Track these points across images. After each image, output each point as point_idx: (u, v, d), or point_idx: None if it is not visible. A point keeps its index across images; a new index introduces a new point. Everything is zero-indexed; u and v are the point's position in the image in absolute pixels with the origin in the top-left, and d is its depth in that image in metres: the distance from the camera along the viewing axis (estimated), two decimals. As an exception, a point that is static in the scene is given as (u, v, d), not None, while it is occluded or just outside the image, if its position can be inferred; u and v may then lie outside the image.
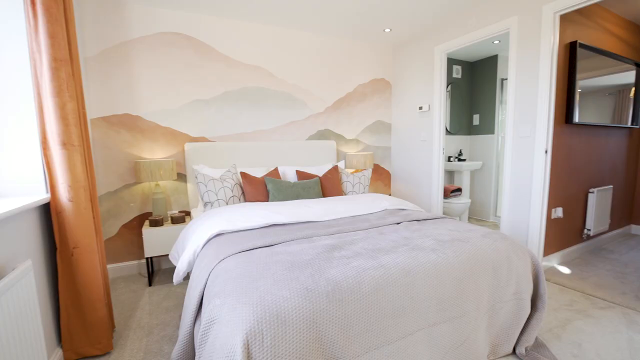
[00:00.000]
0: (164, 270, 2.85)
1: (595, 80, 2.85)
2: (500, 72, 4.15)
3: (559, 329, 1.81)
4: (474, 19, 2.88)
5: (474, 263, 1.46)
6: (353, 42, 3.63)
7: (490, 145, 4.29)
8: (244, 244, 1.56)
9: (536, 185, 2.51)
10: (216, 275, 1.30)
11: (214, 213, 2.07)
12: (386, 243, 1.57)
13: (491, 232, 1.74)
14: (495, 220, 4.28)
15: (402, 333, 1.23)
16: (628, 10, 2.96)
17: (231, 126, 3.08)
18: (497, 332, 1.54)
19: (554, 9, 2.31)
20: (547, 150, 2.45)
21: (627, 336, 1.75)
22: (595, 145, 3.05)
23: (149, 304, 2.22)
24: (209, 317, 1.11)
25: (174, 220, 2.60)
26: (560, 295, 2.23)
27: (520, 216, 2.66)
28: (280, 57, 3.24)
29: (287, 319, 1.03)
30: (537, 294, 1.64)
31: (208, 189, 2.43)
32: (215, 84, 2.97)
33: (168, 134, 2.82)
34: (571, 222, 2.92)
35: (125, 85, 2.63)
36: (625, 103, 3.26)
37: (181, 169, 2.89)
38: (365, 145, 3.86)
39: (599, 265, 2.77)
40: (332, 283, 1.17)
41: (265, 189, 2.60)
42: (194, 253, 1.74)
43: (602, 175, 3.19)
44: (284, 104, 3.31)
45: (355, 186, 3.01)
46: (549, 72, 2.38)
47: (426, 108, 3.46)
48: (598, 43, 2.83)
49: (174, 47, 2.77)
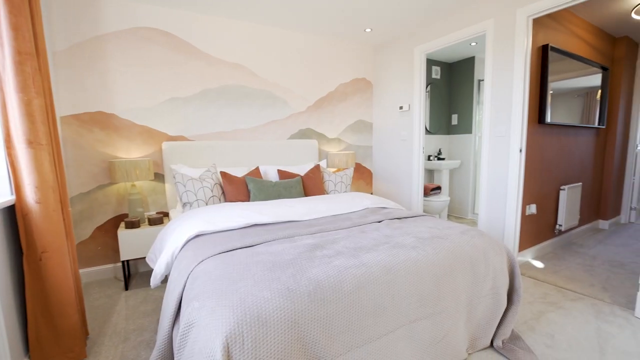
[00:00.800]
0: (141, 274, 2.76)
1: (565, 82, 2.98)
2: (477, 73, 4.27)
3: (533, 321, 1.88)
4: (453, 20, 2.95)
5: (453, 260, 1.49)
6: (334, 41, 3.64)
7: (468, 144, 4.41)
8: (224, 244, 1.53)
9: (511, 183, 2.60)
10: (195, 278, 1.27)
11: (193, 214, 2.02)
12: (368, 241, 1.58)
13: (469, 229, 1.78)
14: (473, 217, 4.40)
15: (383, 330, 1.24)
16: (595, 17, 3.11)
17: (211, 125, 3.01)
18: (476, 326, 1.58)
19: (527, 13, 2.39)
20: (521, 149, 2.53)
21: (596, 326, 1.84)
22: (566, 144, 3.18)
23: (126, 309, 2.14)
24: (187, 320, 1.08)
25: (151, 222, 2.52)
26: (534, 288, 2.32)
27: (496, 213, 2.74)
28: (261, 55, 3.20)
29: (268, 320, 1.01)
30: (513, 288, 1.69)
31: (187, 189, 2.36)
32: (194, 81, 2.90)
33: (144, 132, 2.73)
34: (544, 218, 3.04)
35: (98, 81, 2.52)
36: (593, 104, 3.42)
37: (159, 168, 2.81)
38: (347, 145, 3.88)
39: (570, 259, 2.90)
40: (314, 282, 1.17)
41: (246, 189, 2.56)
42: (172, 255, 1.70)
43: (572, 173, 3.34)
44: (265, 103, 3.27)
45: (337, 185, 3.01)
46: (522, 74, 2.46)
47: (406, 108, 3.51)
48: (568, 47, 2.96)
49: (151, 43, 2.68)
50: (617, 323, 1.86)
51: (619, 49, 3.67)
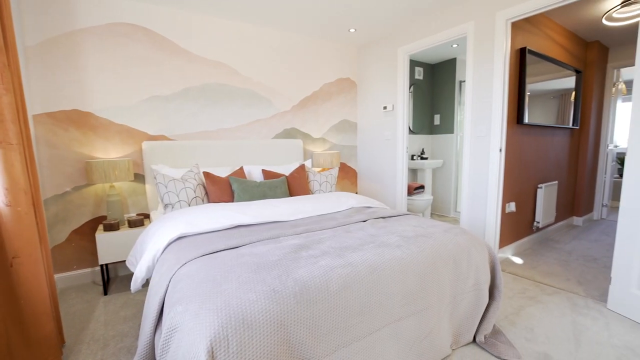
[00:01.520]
0: (121, 278, 2.67)
1: (542, 84, 3.09)
2: (458, 75, 4.36)
3: (514, 316, 1.94)
4: (435, 22, 3.00)
5: (437, 257, 1.52)
6: (319, 41, 3.63)
7: (450, 144, 4.50)
8: (207, 246, 1.50)
9: (492, 182, 2.67)
10: (177, 281, 1.24)
11: (175, 215, 1.97)
12: (353, 241, 1.59)
13: (452, 227, 1.81)
14: (455, 215, 4.50)
15: (369, 329, 1.24)
16: (569, 22, 3.23)
17: (193, 124, 2.95)
18: (459, 322, 1.62)
19: (506, 17, 2.46)
20: (501, 149, 2.60)
21: (571, 318, 1.91)
22: (542, 144, 3.30)
23: (105, 314, 2.07)
24: (170, 325, 1.05)
25: (131, 224, 2.45)
26: (514, 284, 2.39)
27: (478, 211, 2.81)
28: (245, 53, 3.16)
29: (253, 323, 1.00)
30: (494, 284, 1.74)
31: (168, 190, 2.31)
32: (175, 79, 2.83)
33: (123, 132, 2.64)
34: (523, 215, 3.13)
35: (73, 78, 2.42)
36: (567, 106, 3.56)
37: (139, 169, 2.72)
38: (331, 144, 3.89)
39: (547, 255, 3.00)
40: (300, 283, 1.16)
41: (230, 189, 2.52)
42: (154, 258, 1.65)
43: (549, 171, 3.46)
44: (248, 102, 3.23)
45: (322, 185, 3.01)
46: (502, 75, 2.53)
47: (390, 108, 3.55)
48: (544, 50, 3.07)
49: (129, 39, 2.60)
50: (591, 315, 1.94)
51: (591, 53, 3.83)
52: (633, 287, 1.89)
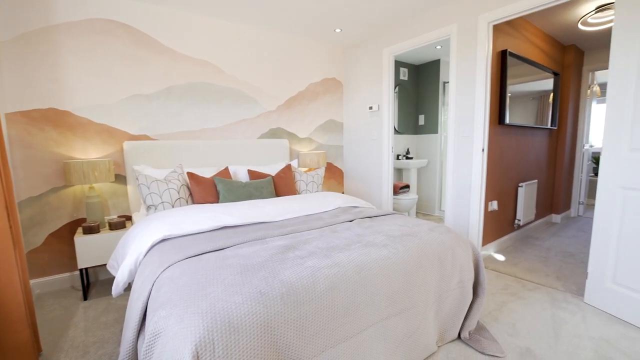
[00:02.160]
0: (102, 282, 2.59)
1: (522, 85, 3.18)
2: (442, 76, 4.43)
3: (497, 312, 1.98)
4: (419, 24, 3.04)
5: (422, 256, 1.54)
6: (305, 40, 3.62)
7: (434, 144, 4.58)
8: (191, 249, 1.47)
9: (475, 181, 2.73)
10: (161, 285, 1.21)
11: (158, 217, 1.92)
12: (340, 241, 1.59)
13: (437, 226, 1.84)
14: (440, 214, 4.57)
15: (356, 329, 1.25)
16: (547, 26, 3.34)
17: (176, 124, 2.89)
18: (444, 319, 1.64)
19: (487, 19, 2.51)
20: (483, 148, 2.66)
21: (551, 313, 1.97)
22: (523, 144, 3.39)
23: (84, 320, 2.00)
24: (153, 330, 1.03)
25: (112, 226, 2.38)
26: (496, 280, 2.45)
27: (461, 210, 2.87)
28: (230, 52, 3.12)
29: (239, 326, 0.98)
30: (478, 281, 1.77)
31: (151, 191, 2.25)
32: (158, 78, 2.76)
33: (103, 131, 2.56)
34: (504, 213, 3.22)
35: (49, 76, 2.33)
36: (546, 107, 3.68)
37: (120, 169, 2.65)
38: (318, 144, 3.88)
39: (528, 251, 3.09)
40: (287, 285, 1.15)
41: (215, 190, 2.49)
42: (136, 261, 1.60)
43: (529, 171, 3.56)
44: (234, 101, 3.19)
45: (308, 185, 3.01)
46: (484, 77, 2.59)
47: (376, 108, 3.58)
48: (524, 52, 3.15)
49: (110, 35, 2.52)
50: (569, 309, 2.01)
51: (567, 56, 3.97)
52: (608, 282, 1.96)
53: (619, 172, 1.87)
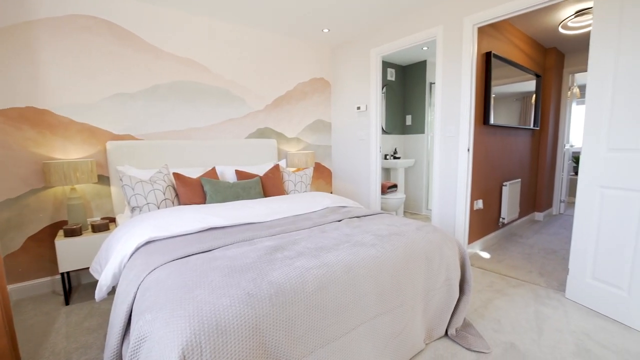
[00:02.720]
0: (85, 286, 2.52)
1: (506, 87, 3.25)
2: (429, 76, 4.49)
3: (482, 309, 2.02)
4: (406, 25, 3.07)
5: (410, 255, 1.55)
6: (292, 40, 3.61)
7: (421, 144, 4.63)
8: (178, 251, 1.44)
9: (461, 181, 2.77)
10: (146, 288, 1.18)
11: (143, 218, 1.88)
12: (328, 241, 1.59)
13: (424, 225, 1.86)
14: (427, 213, 4.63)
15: (345, 329, 1.25)
16: (530, 29, 3.42)
17: (161, 123, 2.84)
18: (432, 317, 1.66)
19: (472, 22, 2.56)
20: (469, 148, 2.71)
21: (534, 308, 2.02)
22: (507, 144, 3.47)
23: (66, 326, 1.94)
24: (138, 334, 1.00)
25: (95, 229, 2.31)
26: (482, 278, 2.50)
27: (448, 208, 2.91)
28: (216, 51, 3.08)
29: (227, 328, 0.97)
30: (464, 279, 1.80)
31: (136, 192, 2.20)
32: (142, 76, 2.70)
33: (85, 131, 2.49)
34: (489, 212, 3.28)
35: (27, 73, 2.25)
36: (528, 108, 3.77)
37: (103, 170, 2.58)
38: (306, 144, 3.88)
39: (512, 249, 3.17)
40: (275, 286, 1.14)
41: (201, 191, 2.45)
42: (120, 264, 1.57)
43: (513, 170, 3.65)
44: (220, 101, 3.15)
45: (297, 185, 3.00)
46: (469, 78, 2.63)
47: (364, 108, 3.59)
48: (507, 54, 3.23)
49: (91, 32, 2.45)
50: (551, 305, 2.07)
51: (549, 59, 4.08)
52: (588, 277, 2.03)
53: (597, 172, 1.94)
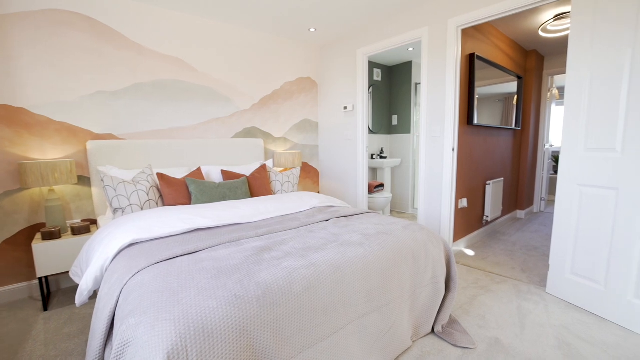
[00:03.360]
0: (65, 291, 2.44)
1: (489, 88, 3.32)
2: (414, 77, 4.55)
3: (468, 305, 2.06)
4: (392, 26, 3.10)
5: (397, 254, 1.57)
6: (279, 39, 3.59)
7: (407, 143, 4.69)
8: (162, 253, 1.41)
9: (446, 180, 2.82)
10: (130, 292, 1.15)
11: (126, 220, 1.83)
12: (316, 241, 1.59)
13: (411, 224, 1.88)
14: (413, 212, 4.69)
15: (334, 328, 1.25)
16: (511, 31, 3.51)
17: (145, 122, 2.77)
18: (418, 314, 1.68)
19: (456, 24, 2.60)
20: (454, 148, 2.76)
21: (517, 304, 2.08)
22: (490, 144, 3.55)
23: (45, 333, 1.87)
24: (122, 339, 0.97)
25: (75, 231, 2.24)
26: (467, 275, 2.55)
27: (433, 207, 2.95)
28: (202, 49, 3.03)
29: (214, 331, 0.95)
30: (450, 276, 1.83)
31: (118, 193, 2.14)
32: (124, 74, 2.63)
33: (64, 130, 2.41)
34: (474, 210, 3.35)
35: (1, 70, 2.16)
36: (510, 108, 3.87)
37: (83, 171, 2.50)
38: (293, 144, 3.86)
39: (495, 246, 3.24)
40: (263, 287, 1.13)
41: (187, 191, 2.41)
42: (102, 267, 1.52)
43: (495, 169, 3.73)
44: (206, 100, 3.10)
45: (284, 185, 2.98)
46: (454, 79, 2.68)
47: (350, 108, 3.61)
48: (490, 56, 3.30)
49: (70, 28, 2.37)
50: (533, 300, 2.13)
51: (529, 61, 4.19)
52: (567, 273, 2.10)
53: (575, 170, 2.01)
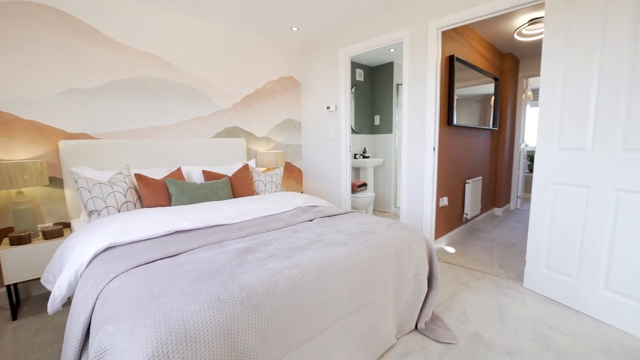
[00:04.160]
0: (35, 298, 2.32)
1: (467, 89, 3.41)
2: (396, 78, 4.61)
3: (449, 301, 2.11)
4: (374, 27, 3.13)
5: (381, 252, 1.58)
6: (261, 37, 3.55)
7: (389, 143, 4.75)
8: (141, 256, 1.37)
9: (427, 179, 2.87)
10: (107, 297, 1.11)
11: (102, 223, 1.76)
12: (300, 241, 1.58)
13: (393, 223, 1.91)
14: (395, 210, 4.76)
15: (318, 329, 1.25)
16: (489, 35, 3.62)
17: (121, 121, 2.67)
18: (402, 312, 1.71)
19: (437, 26, 2.65)
20: (434, 147, 2.81)
21: (496, 299, 2.14)
22: (469, 143, 3.65)
23: (13, 344, 1.77)
24: (99, 348, 0.93)
25: (46, 235, 2.13)
26: (448, 271, 2.60)
27: (415, 206, 3.00)
28: (181, 46, 2.96)
29: (197, 335, 0.93)
30: (432, 273, 1.87)
31: (93, 194, 2.06)
32: (99, 71, 2.53)
33: (34, 129, 2.29)
34: (454, 208, 3.43)
35: (-37, 65, 2.03)
36: (488, 109, 3.99)
37: (55, 172, 2.39)
38: (276, 144, 3.83)
39: (474, 243, 3.33)
40: (247, 289, 1.11)
41: (166, 192, 2.34)
42: (77, 273, 1.45)
43: (474, 168, 3.84)
44: (186, 98, 3.03)
45: (267, 185, 2.95)
46: (434, 80, 2.73)
47: (333, 108, 3.62)
48: (469, 58, 3.39)
49: (39, 22, 2.26)
50: (511, 295, 2.20)
51: (506, 63, 4.34)
52: (542, 267, 2.18)
53: (549, 169, 2.09)
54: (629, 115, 1.70)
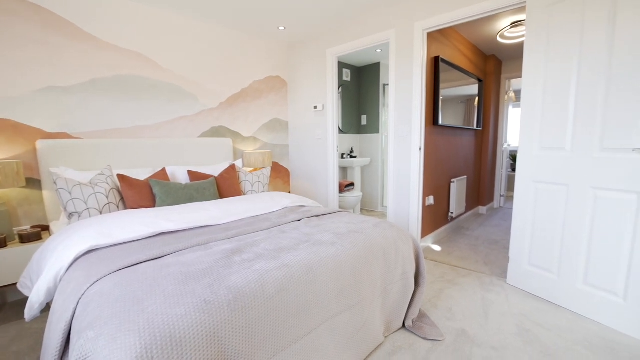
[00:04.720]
0: (12, 304, 2.23)
1: (452, 90, 3.46)
2: (382, 78, 4.65)
3: (436, 299, 2.14)
4: (360, 27, 3.14)
5: (369, 252, 1.59)
6: (247, 36, 3.52)
7: (376, 143, 4.78)
8: (124, 259, 1.33)
9: (413, 178, 2.91)
10: (88, 302, 1.07)
11: (83, 225, 1.71)
12: (288, 241, 1.57)
13: (381, 222, 1.92)
14: (382, 210, 4.80)
15: (307, 329, 1.24)
16: (473, 37, 3.69)
17: (103, 120, 2.60)
18: (390, 310, 1.72)
19: (422, 27, 2.69)
20: (421, 147, 2.85)
21: (481, 295, 2.18)
22: (454, 143, 3.71)
23: (-12, 351, 1.70)
24: (79, 355, 0.90)
25: (23, 239, 2.05)
26: (434, 269, 2.64)
27: (402, 205, 3.04)
28: (166, 44, 2.90)
29: (183, 339, 0.91)
30: (419, 272, 1.89)
31: (73, 196, 1.99)
32: (79, 68, 2.45)
33: (9, 128, 2.20)
34: (440, 207, 3.48)
35: None
36: (472, 110, 4.06)
37: (33, 172, 2.30)
38: (263, 143, 3.80)
39: (460, 241, 3.39)
40: (234, 291, 1.10)
41: (150, 193, 2.29)
42: (56, 277, 1.40)
43: (459, 168, 3.91)
44: (171, 97, 2.97)
45: (254, 185, 2.93)
46: (420, 81, 2.77)
47: (320, 108, 3.62)
48: (454, 59, 3.44)
49: (14, 16, 2.17)
50: (495, 291, 2.25)
51: (489, 65, 4.43)
52: (525, 264, 2.24)
53: (531, 168, 2.14)
54: (605, 116, 1.76)
